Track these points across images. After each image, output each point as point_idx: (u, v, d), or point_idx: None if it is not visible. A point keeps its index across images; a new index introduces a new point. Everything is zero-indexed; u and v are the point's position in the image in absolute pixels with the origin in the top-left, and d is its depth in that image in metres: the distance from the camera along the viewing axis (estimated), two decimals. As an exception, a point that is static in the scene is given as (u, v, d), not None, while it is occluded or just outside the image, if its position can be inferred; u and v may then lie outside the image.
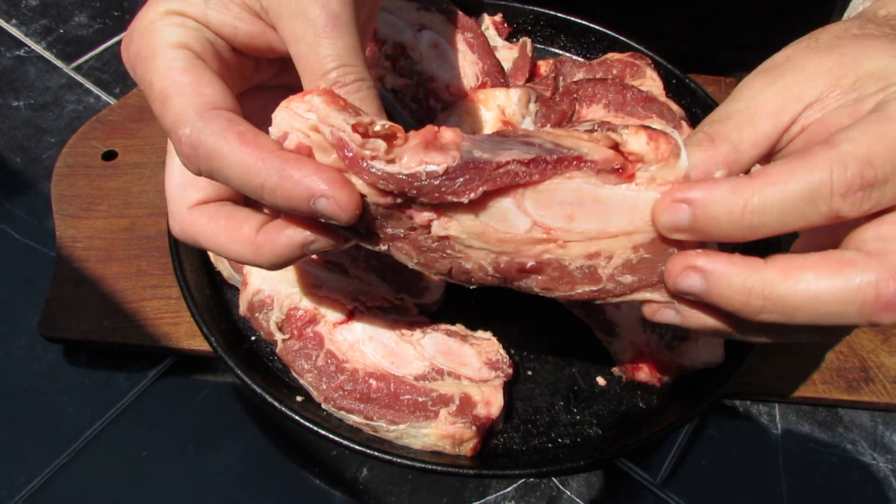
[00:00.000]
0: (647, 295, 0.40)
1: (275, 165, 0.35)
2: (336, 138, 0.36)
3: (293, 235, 0.39)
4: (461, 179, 0.36)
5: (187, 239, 0.42)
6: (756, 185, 0.34)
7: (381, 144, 0.36)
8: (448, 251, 0.39)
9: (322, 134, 0.36)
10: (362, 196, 0.37)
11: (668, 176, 0.37)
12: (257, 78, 0.46)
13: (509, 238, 0.38)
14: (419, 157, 0.36)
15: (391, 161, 0.36)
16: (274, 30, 0.41)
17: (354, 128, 0.36)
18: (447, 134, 0.37)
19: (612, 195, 0.37)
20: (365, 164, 0.36)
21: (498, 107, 0.68)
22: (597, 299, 0.40)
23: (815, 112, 0.38)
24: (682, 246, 0.38)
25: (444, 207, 0.37)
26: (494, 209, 0.38)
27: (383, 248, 0.40)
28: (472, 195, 0.36)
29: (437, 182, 0.36)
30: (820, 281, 0.33)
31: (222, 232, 0.40)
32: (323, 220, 0.37)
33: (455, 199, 0.36)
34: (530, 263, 0.39)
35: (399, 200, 0.37)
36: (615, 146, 0.37)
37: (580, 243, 0.38)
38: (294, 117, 0.37)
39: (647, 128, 0.37)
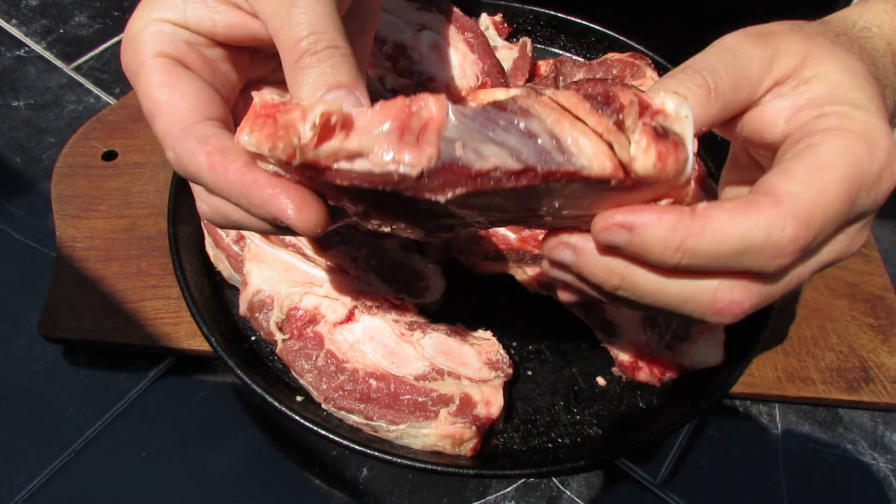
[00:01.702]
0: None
1: (238, 191, 0.37)
2: (284, 165, 0.34)
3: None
4: (439, 180, 0.32)
5: (216, 216, 0.42)
6: (696, 228, 0.34)
7: (337, 144, 0.32)
8: None
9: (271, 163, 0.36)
10: None
11: (667, 187, 0.35)
12: (255, 72, 0.47)
13: None
14: (392, 152, 0.31)
15: (357, 155, 0.32)
16: (254, 17, 0.41)
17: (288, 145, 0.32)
18: (425, 112, 0.31)
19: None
20: (330, 169, 0.33)
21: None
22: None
23: (771, 95, 0.41)
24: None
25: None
26: None
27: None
28: (451, 195, 0.33)
29: (413, 182, 0.32)
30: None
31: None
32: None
33: (432, 197, 0.33)
34: None
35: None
36: (619, 162, 0.32)
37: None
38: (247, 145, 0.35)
39: (659, 136, 0.32)
